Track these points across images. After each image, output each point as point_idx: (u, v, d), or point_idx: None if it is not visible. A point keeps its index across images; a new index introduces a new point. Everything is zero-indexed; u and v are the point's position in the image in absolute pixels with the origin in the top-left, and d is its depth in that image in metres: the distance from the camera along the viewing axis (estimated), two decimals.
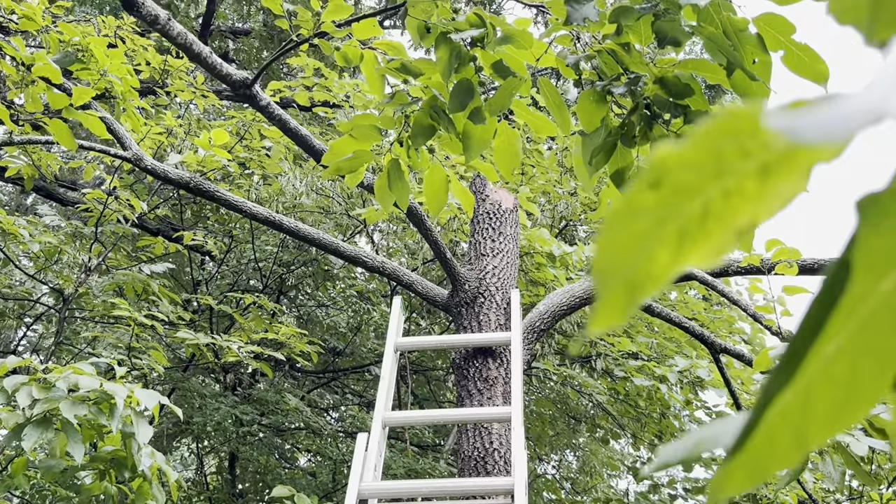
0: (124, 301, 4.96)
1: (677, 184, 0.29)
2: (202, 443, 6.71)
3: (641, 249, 0.30)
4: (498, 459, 3.25)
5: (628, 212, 0.29)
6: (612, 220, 0.28)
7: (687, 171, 0.29)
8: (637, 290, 0.31)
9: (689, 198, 0.29)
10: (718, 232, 0.31)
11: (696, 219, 0.30)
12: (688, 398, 7.11)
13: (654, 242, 0.30)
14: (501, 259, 3.86)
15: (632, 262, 0.30)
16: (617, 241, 0.29)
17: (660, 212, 0.29)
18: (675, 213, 0.30)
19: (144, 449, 4.00)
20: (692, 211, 0.30)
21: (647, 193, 0.29)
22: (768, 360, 2.22)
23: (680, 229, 0.30)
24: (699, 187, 0.29)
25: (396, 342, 3.33)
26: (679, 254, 0.31)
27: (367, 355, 8.72)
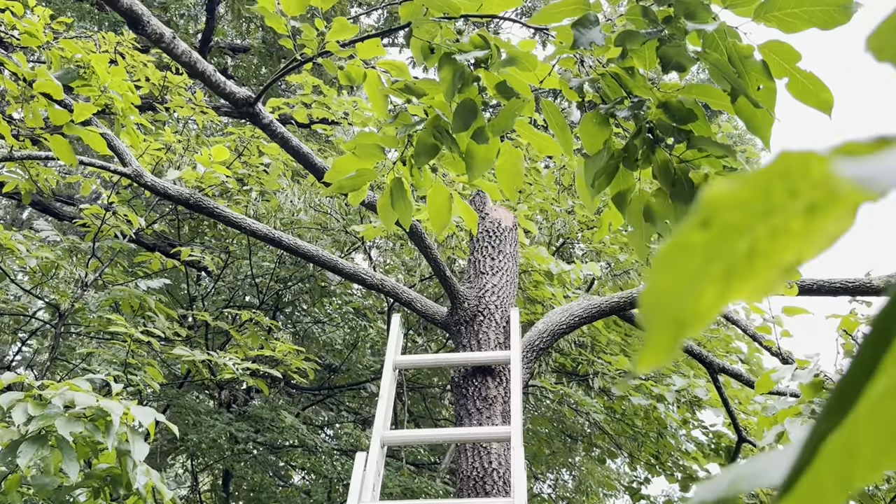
0: (120, 317, 4.94)
1: (726, 223, 0.29)
2: (196, 460, 6.66)
3: (690, 288, 0.30)
4: (497, 479, 3.23)
5: (678, 251, 0.29)
6: (662, 258, 0.29)
7: (736, 211, 0.29)
8: (684, 328, 0.31)
9: (737, 237, 0.30)
10: (765, 270, 0.31)
11: (744, 257, 0.30)
12: (685, 417, 7.10)
13: (702, 281, 0.30)
14: (501, 277, 3.86)
15: (679, 301, 0.30)
16: (666, 279, 0.29)
17: (708, 250, 0.29)
18: (723, 252, 0.30)
19: (140, 466, 3.97)
20: (740, 249, 0.30)
21: (697, 232, 0.29)
22: (770, 383, 2.22)
23: (727, 268, 0.30)
24: (747, 226, 0.29)
25: (395, 360, 3.32)
26: (726, 291, 0.31)
27: (363, 372, 8.68)
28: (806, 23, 1.49)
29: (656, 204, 1.94)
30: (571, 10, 1.65)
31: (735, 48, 1.55)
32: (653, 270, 0.29)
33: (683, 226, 0.28)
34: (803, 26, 1.50)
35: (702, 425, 7.48)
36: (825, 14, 1.44)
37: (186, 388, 7.24)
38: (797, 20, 1.50)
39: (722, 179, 0.28)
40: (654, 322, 0.30)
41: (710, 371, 4.72)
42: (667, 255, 0.28)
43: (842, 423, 0.29)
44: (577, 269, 5.24)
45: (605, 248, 6.67)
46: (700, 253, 0.29)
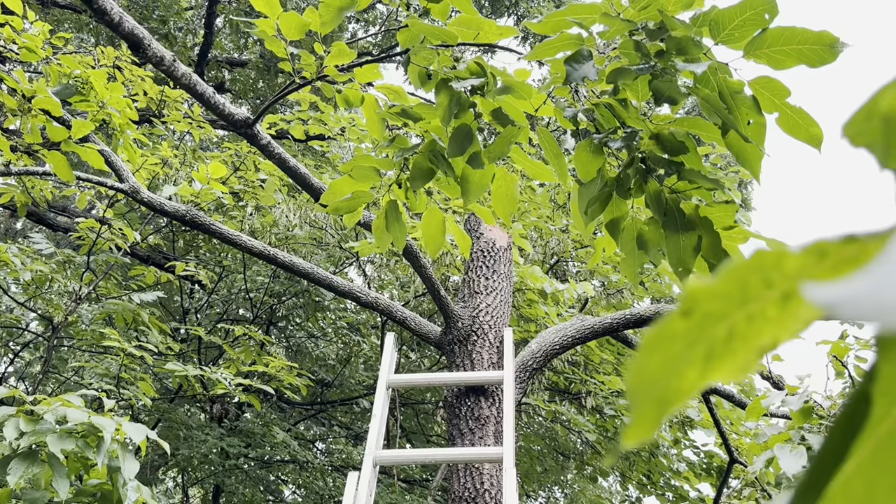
0: (114, 331, 4.94)
1: (706, 311, 0.31)
2: (187, 475, 6.64)
3: (672, 370, 0.32)
4: (489, 500, 3.23)
5: (661, 337, 0.31)
6: (646, 345, 0.31)
7: (715, 301, 0.31)
8: (666, 405, 0.33)
9: (716, 323, 0.32)
10: (743, 351, 0.33)
11: (722, 341, 0.32)
12: (676, 437, 7.11)
13: (684, 363, 0.32)
14: (495, 297, 3.88)
15: (663, 382, 0.32)
16: (650, 363, 0.31)
17: (690, 336, 0.31)
18: (703, 337, 0.32)
19: (130, 483, 3.96)
20: (719, 334, 0.32)
21: (679, 321, 0.31)
22: (760, 409, 2.24)
23: (707, 351, 0.32)
24: (726, 314, 0.32)
25: (389, 379, 3.33)
26: (706, 371, 0.33)
27: (355, 388, 8.68)
28: (794, 60, 1.52)
29: (649, 232, 1.97)
30: (565, 46, 1.68)
31: (726, 83, 1.59)
32: (638, 354, 0.31)
33: (666, 316, 0.31)
34: (792, 63, 1.53)
35: (693, 445, 7.49)
36: (813, 52, 1.48)
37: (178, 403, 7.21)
38: (786, 57, 1.53)
39: (698, 277, 0.30)
40: (640, 401, 0.32)
41: (702, 392, 4.73)
42: (651, 341, 0.31)
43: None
44: (571, 288, 5.26)
45: (599, 267, 6.70)
46: (682, 339, 0.31)
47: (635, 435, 0.33)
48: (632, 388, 0.32)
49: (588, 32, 1.67)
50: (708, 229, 1.81)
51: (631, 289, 6.88)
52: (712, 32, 1.59)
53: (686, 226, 1.85)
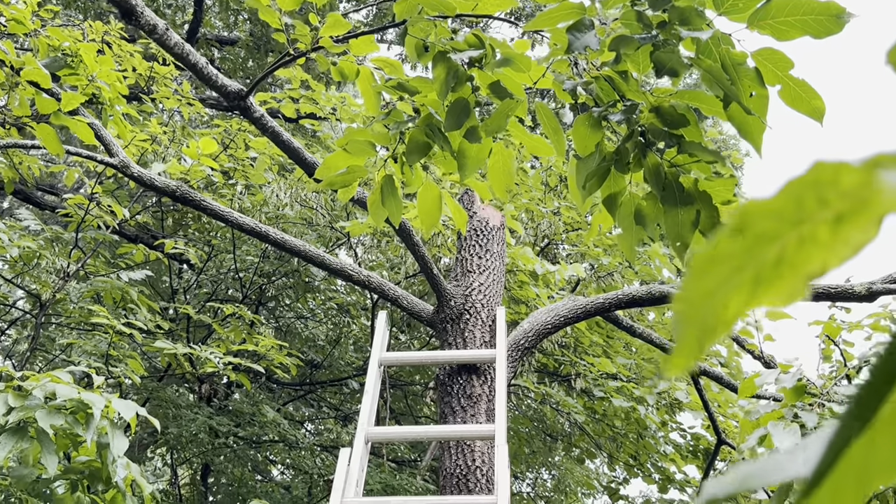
0: (103, 308, 4.90)
1: (758, 231, 0.30)
2: (176, 454, 6.63)
3: (719, 295, 0.31)
4: (480, 477, 3.24)
5: (712, 259, 0.29)
6: (697, 266, 0.29)
7: (768, 219, 0.30)
8: (710, 334, 0.32)
9: (767, 245, 0.30)
10: (790, 278, 0.32)
11: (771, 265, 0.31)
12: (664, 419, 7.15)
13: (732, 288, 0.31)
14: (488, 276, 3.87)
15: (708, 308, 0.31)
16: (698, 287, 0.30)
17: (740, 258, 0.30)
18: (752, 260, 0.30)
19: (120, 460, 3.94)
20: (769, 258, 0.31)
21: (731, 241, 0.29)
22: (753, 387, 2.25)
23: (755, 275, 0.31)
24: (777, 235, 0.30)
25: (381, 357, 3.32)
26: (753, 297, 0.32)
27: (344, 369, 8.67)
28: (799, 31, 1.51)
29: (646, 207, 1.96)
30: (567, 15, 1.66)
31: (728, 55, 1.57)
32: (687, 277, 0.29)
33: (718, 235, 0.29)
34: (796, 34, 1.52)
35: (680, 427, 7.55)
36: (818, 23, 1.46)
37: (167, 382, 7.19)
38: (790, 28, 1.52)
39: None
40: (685, 327, 0.30)
41: (691, 374, 4.76)
42: (702, 263, 0.29)
43: (865, 428, 0.30)
44: (562, 270, 5.26)
45: (590, 250, 6.70)
46: (732, 261, 0.30)
47: (678, 363, 0.31)
48: (678, 312, 0.30)
49: (590, 1, 1.65)
50: (707, 204, 1.81)
51: (622, 272, 6.89)
52: (715, 3, 1.57)
53: (685, 200, 1.84)
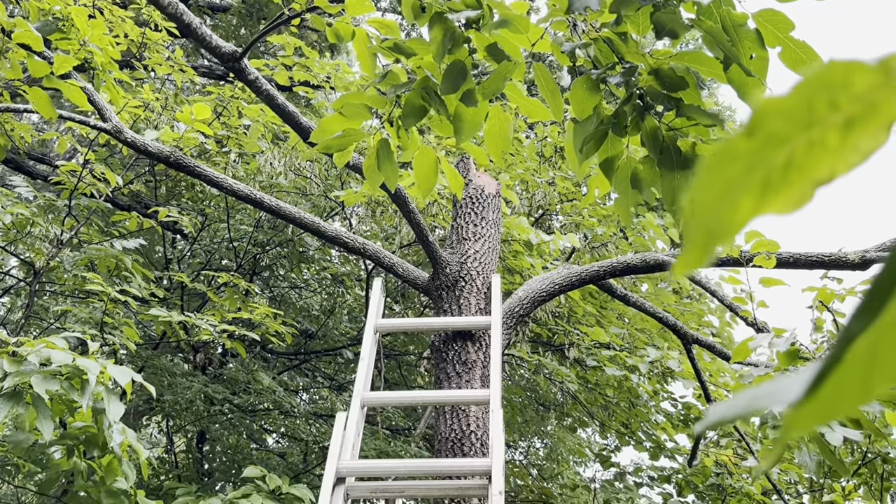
0: (97, 276, 4.90)
1: (770, 132, 0.30)
2: (172, 421, 6.67)
3: (728, 197, 0.31)
4: (475, 441, 3.27)
5: (724, 156, 0.30)
6: (710, 163, 0.30)
7: (780, 120, 0.30)
8: (717, 237, 0.32)
9: (777, 147, 0.31)
10: (798, 183, 0.32)
11: (780, 169, 0.31)
12: (655, 389, 7.22)
13: (740, 191, 0.31)
14: (483, 244, 3.88)
15: (718, 210, 0.31)
16: (709, 187, 0.30)
17: (751, 158, 0.31)
18: (762, 162, 0.31)
19: (116, 426, 3.95)
20: (778, 160, 0.31)
21: (743, 140, 0.30)
22: (747, 351, 2.27)
23: (764, 179, 0.32)
24: (787, 137, 0.31)
25: (376, 324, 3.33)
26: (760, 203, 0.32)
27: (339, 338, 8.70)
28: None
29: (643, 171, 1.96)
30: None
31: (729, 16, 1.56)
32: (698, 176, 0.30)
33: (733, 134, 0.30)
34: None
35: (671, 397, 7.63)
36: None
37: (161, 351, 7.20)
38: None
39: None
40: (695, 228, 0.31)
41: (684, 342, 4.80)
42: (713, 161, 0.30)
43: (870, 326, 0.30)
44: (557, 239, 5.27)
45: (584, 220, 6.71)
46: (743, 161, 0.30)
47: (686, 264, 0.32)
48: (689, 212, 0.31)
49: None
50: None
51: (615, 242, 6.91)
52: None
53: (682, 164, 1.85)
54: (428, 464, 2.88)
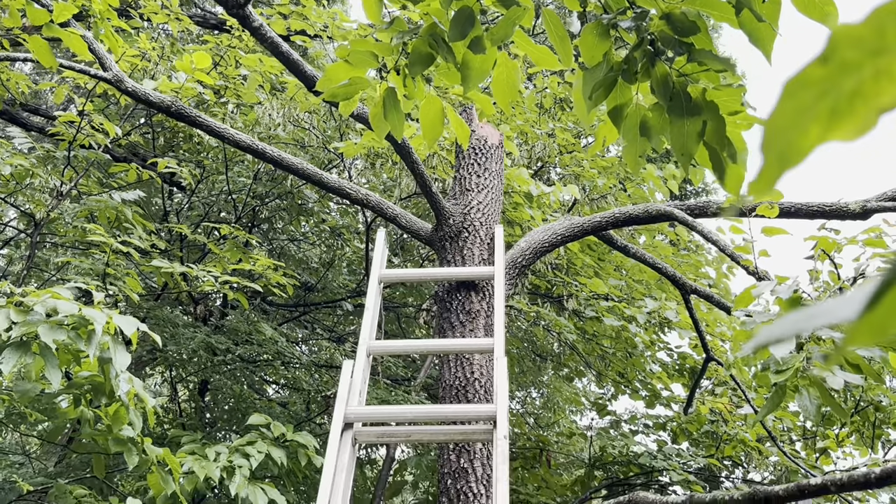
0: (99, 227, 4.90)
1: (842, 59, 0.31)
2: (175, 371, 6.75)
3: (800, 123, 0.32)
4: (478, 388, 3.33)
5: (799, 84, 0.31)
6: (785, 91, 0.31)
7: (853, 47, 0.31)
8: (786, 162, 0.34)
9: (847, 74, 0.32)
10: (863, 111, 0.33)
11: (848, 96, 0.33)
12: (651, 339, 7.31)
13: (811, 117, 0.33)
14: (486, 195, 3.88)
15: (789, 135, 0.33)
16: (784, 110, 0.32)
17: (822, 85, 0.32)
18: (833, 88, 0.32)
19: (122, 375, 4.00)
20: (846, 88, 0.33)
21: (817, 67, 0.31)
22: (750, 298, 2.31)
23: (832, 106, 0.33)
24: (858, 64, 0.32)
25: (381, 274, 3.36)
26: (827, 129, 0.34)
27: (338, 290, 8.75)
28: None
29: (653, 118, 1.96)
30: None
31: None
32: (776, 103, 0.31)
33: (807, 63, 0.31)
34: None
35: (667, 347, 7.73)
36: None
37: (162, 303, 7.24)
38: None
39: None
40: (768, 152, 0.32)
41: (683, 292, 4.84)
42: (790, 87, 0.31)
43: None
44: (557, 191, 5.27)
45: (584, 171, 6.71)
46: (815, 88, 0.32)
47: (760, 186, 0.34)
48: (765, 137, 0.32)
49: None
50: (713, 114, 1.81)
51: (615, 194, 6.91)
52: None
53: (691, 111, 1.85)
54: (434, 409, 2.94)
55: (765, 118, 0.34)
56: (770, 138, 0.32)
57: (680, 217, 3.62)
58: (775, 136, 0.32)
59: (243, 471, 4.78)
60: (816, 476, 3.22)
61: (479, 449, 3.20)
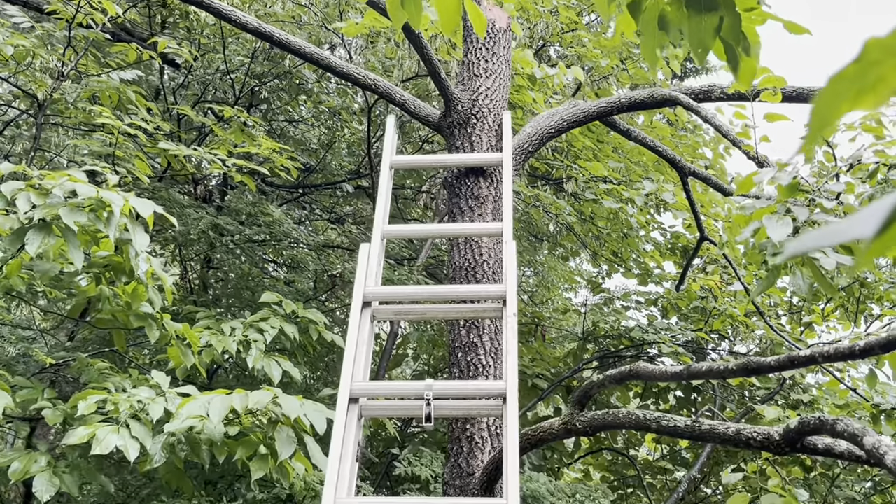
0: (105, 108, 4.92)
1: (870, 59, 0.43)
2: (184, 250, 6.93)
3: (835, 103, 0.45)
4: (487, 270, 3.51)
5: (839, 77, 0.43)
6: (830, 82, 0.43)
7: (880, 51, 0.43)
8: (826, 129, 0.46)
9: (874, 68, 0.44)
10: (882, 91, 0.45)
11: (872, 83, 0.45)
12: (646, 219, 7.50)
13: (843, 99, 0.45)
14: (494, 80, 3.91)
15: (827, 110, 0.45)
16: (825, 96, 0.43)
17: (854, 78, 0.44)
18: (862, 78, 0.44)
19: (141, 255, 4.15)
20: (871, 77, 0.44)
21: (852, 66, 0.43)
22: (751, 184, 2.43)
23: (859, 89, 0.45)
24: (882, 61, 0.44)
25: (392, 160, 3.45)
26: (853, 104, 0.46)
27: (337, 172, 8.83)
28: None
29: (671, 12, 2.02)
30: None
31: None
32: (822, 90, 0.43)
33: (848, 63, 0.42)
34: None
35: (661, 227, 7.94)
36: None
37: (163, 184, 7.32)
38: None
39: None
40: (814, 123, 0.45)
41: (681, 174, 4.96)
42: (833, 80, 0.43)
43: None
44: (562, 73, 5.28)
45: (587, 51, 6.65)
46: (849, 79, 0.44)
47: (809, 146, 0.46)
48: (812, 114, 0.44)
49: None
50: (730, 10, 1.87)
51: (616, 74, 6.89)
52: None
53: (709, 6, 1.91)
54: (448, 289, 3.12)
55: (806, 87, 0.46)
56: (815, 114, 0.44)
57: (685, 102, 3.69)
58: (818, 112, 0.44)
59: (258, 345, 5.03)
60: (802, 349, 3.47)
61: (488, 325, 3.41)
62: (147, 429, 4.04)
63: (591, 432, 2.70)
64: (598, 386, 2.65)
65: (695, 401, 7.11)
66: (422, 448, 5.99)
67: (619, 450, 7.86)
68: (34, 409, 4.34)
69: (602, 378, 2.63)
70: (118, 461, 6.45)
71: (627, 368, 2.50)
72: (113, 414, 4.03)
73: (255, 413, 4.10)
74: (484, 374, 3.29)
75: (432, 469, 5.74)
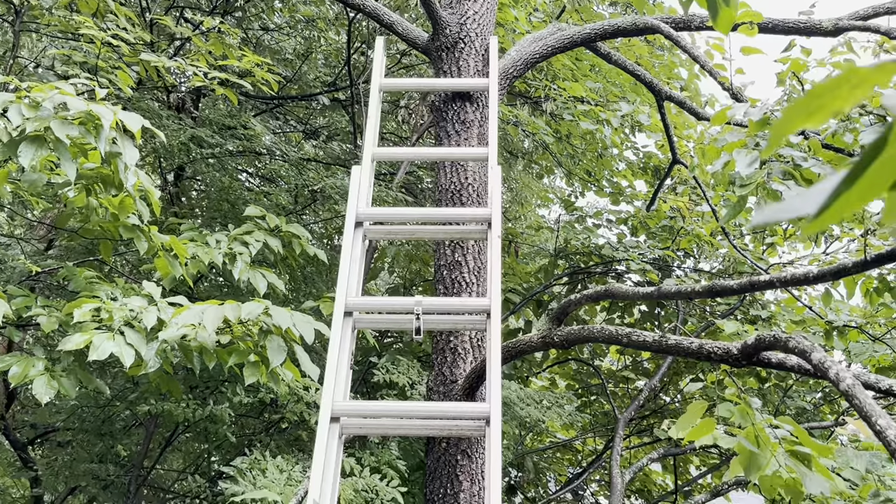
0: (87, 18, 4.87)
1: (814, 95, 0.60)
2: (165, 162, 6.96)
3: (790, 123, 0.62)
4: (472, 193, 3.67)
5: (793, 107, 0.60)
6: (787, 110, 0.60)
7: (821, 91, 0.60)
8: (779, 142, 0.64)
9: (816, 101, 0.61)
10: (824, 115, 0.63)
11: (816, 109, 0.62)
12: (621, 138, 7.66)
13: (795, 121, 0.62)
14: (482, 4, 3.96)
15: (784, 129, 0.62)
16: (784, 120, 0.61)
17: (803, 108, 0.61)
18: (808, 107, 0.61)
19: (130, 168, 4.23)
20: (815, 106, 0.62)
21: (803, 100, 0.60)
22: (724, 117, 2.60)
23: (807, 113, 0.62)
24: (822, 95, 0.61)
25: (381, 83, 3.54)
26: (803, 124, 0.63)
27: (313, 83, 8.78)
28: None
29: None
30: None
31: None
32: (782, 115, 0.60)
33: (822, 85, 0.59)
34: None
35: (634, 147, 8.12)
36: None
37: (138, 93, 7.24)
38: None
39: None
40: (772, 138, 0.62)
41: (658, 98, 5.09)
42: (789, 109, 0.60)
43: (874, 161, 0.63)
44: None
45: None
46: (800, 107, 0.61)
47: (769, 151, 0.63)
48: (773, 129, 0.62)
49: None
50: None
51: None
52: None
53: None
54: (435, 212, 3.28)
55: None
56: (775, 131, 0.61)
57: (665, 31, 3.80)
58: (777, 129, 0.61)
59: (244, 257, 5.19)
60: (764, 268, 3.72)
61: (472, 245, 3.60)
62: (141, 336, 4.23)
63: (567, 345, 2.95)
64: (575, 304, 2.88)
65: (658, 315, 7.48)
66: (399, 357, 6.27)
67: (585, 360, 8.27)
68: (28, 315, 4.48)
69: (579, 297, 2.86)
70: (101, 366, 6.67)
71: (603, 288, 2.73)
72: (107, 322, 4.19)
73: (245, 323, 4.30)
74: (467, 292, 3.50)
75: (409, 377, 6.04)
